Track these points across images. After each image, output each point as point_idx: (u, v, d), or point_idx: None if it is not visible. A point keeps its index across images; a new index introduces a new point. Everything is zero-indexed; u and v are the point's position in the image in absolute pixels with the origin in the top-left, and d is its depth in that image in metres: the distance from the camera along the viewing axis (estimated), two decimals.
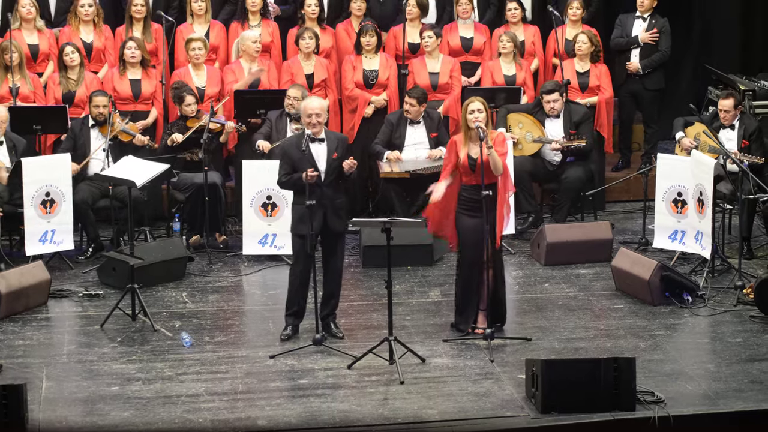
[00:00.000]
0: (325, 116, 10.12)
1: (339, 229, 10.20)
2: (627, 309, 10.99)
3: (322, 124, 10.10)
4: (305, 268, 10.17)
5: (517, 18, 13.77)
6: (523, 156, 12.80)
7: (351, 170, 10.12)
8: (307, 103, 10.18)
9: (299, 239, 10.15)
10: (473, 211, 10.12)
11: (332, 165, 10.08)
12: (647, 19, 13.87)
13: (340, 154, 10.11)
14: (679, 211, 11.95)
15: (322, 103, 10.17)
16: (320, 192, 10.00)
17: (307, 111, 10.07)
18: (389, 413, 9.00)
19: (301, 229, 10.10)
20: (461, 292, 10.34)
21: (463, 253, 10.30)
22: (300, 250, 10.18)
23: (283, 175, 10.16)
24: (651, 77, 13.92)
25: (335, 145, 10.12)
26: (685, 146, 12.33)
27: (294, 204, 10.27)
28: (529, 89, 13.47)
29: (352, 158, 10.19)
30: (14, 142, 12.06)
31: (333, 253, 10.22)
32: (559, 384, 8.91)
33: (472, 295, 10.28)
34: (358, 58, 13.33)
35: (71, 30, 13.30)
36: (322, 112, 10.07)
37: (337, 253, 10.23)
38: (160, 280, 11.57)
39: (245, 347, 10.22)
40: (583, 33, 13.46)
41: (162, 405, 9.13)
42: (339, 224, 10.18)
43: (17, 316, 10.77)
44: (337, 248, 10.23)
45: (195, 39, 13.04)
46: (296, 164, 10.05)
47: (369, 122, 13.32)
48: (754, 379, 9.51)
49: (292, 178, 10.08)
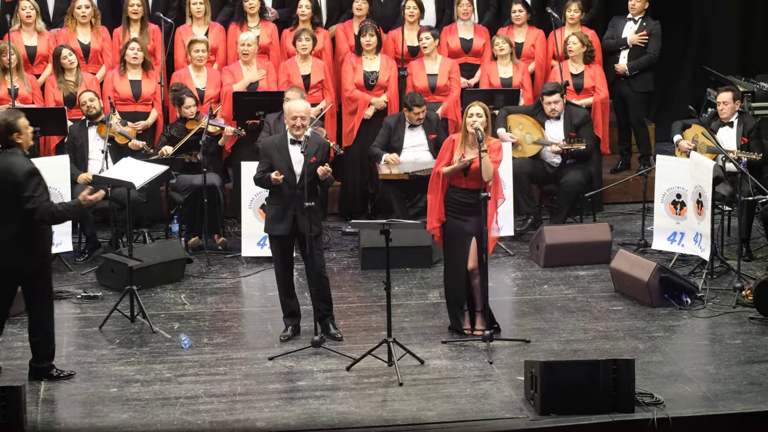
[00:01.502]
0: (309, 120, 10.19)
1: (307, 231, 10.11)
2: (626, 311, 10.99)
3: (306, 127, 10.15)
4: (285, 268, 10.29)
5: (522, 20, 13.75)
6: (522, 157, 12.80)
7: (325, 176, 10.14)
8: (291, 105, 10.24)
9: (273, 240, 10.25)
10: (461, 213, 10.16)
11: (309, 168, 10.08)
12: (638, 21, 13.86)
13: (319, 159, 10.14)
14: (678, 213, 11.95)
15: (308, 107, 10.27)
16: (291, 193, 10.04)
17: (292, 113, 10.14)
18: (388, 415, 9.00)
19: (273, 230, 10.22)
20: (447, 293, 10.39)
21: (448, 255, 10.32)
22: (276, 250, 10.29)
23: (259, 173, 10.25)
24: (638, 79, 13.87)
25: (315, 149, 10.14)
26: (683, 149, 12.33)
27: (267, 203, 10.32)
28: (526, 91, 13.46)
29: (327, 165, 10.21)
30: None
31: (309, 255, 10.16)
32: (558, 386, 8.91)
33: (457, 295, 10.28)
34: (359, 59, 13.33)
35: (68, 31, 13.30)
36: (306, 116, 10.15)
37: (312, 254, 10.15)
38: (159, 282, 11.57)
39: (244, 349, 10.22)
40: (574, 34, 13.46)
41: (161, 407, 9.13)
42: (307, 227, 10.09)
43: (16, 318, 10.74)
44: (312, 250, 10.16)
45: (199, 41, 13.04)
46: (274, 164, 10.12)
47: (369, 124, 13.31)
48: (753, 380, 9.51)
49: (264, 176, 10.17)
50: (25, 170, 9.10)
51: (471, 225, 10.10)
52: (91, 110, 12.27)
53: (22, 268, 9.29)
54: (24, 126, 9.28)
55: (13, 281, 9.43)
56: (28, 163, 9.22)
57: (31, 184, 9.09)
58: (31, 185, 9.08)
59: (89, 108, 12.28)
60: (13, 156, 9.19)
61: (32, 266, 9.34)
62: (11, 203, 9.11)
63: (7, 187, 9.10)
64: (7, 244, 9.20)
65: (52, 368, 9.56)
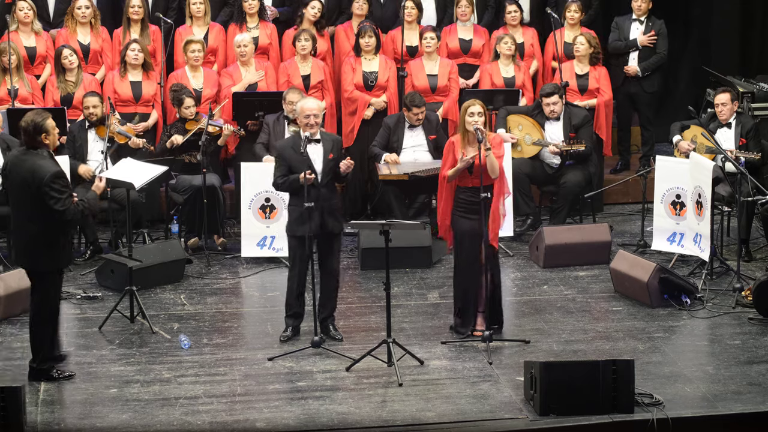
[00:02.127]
0: (321, 117, 10.13)
1: (336, 230, 10.20)
2: (625, 311, 10.99)
3: (319, 125, 10.10)
4: (302, 270, 10.17)
5: (517, 21, 13.77)
6: (522, 158, 12.80)
7: (347, 171, 10.11)
8: (304, 104, 10.17)
9: (295, 241, 10.15)
10: (470, 213, 10.14)
11: (328, 166, 10.09)
12: (644, 21, 13.86)
13: (336, 155, 10.11)
14: (678, 214, 11.95)
15: (320, 104, 10.20)
16: (317, 193, 9.99)
17: (305, 112, 10.07)
18: (388, 415, 9.00)
19: (297, 231, 10.10)
20: (461, 295, 10.34)
21: (460, 256, 10.31)
22: (296, 252, 10.18)
23: (279, 177, 10.15)
24: (649, 80, 13.91)
25: (331, 146, 10.12)
26: (682, 149, 12.33)
27: (290, 205, 10.27)
28: (527, 91, 13.46)
29: (350, 158, 10.20)
30: (8, 143, 12.07)
31: (330, 254, 10.22)
32: (558, 386, 8.91)
33: (470, 297, 10.28)
34: (358, 59, 13.33)
35: (68, 32, 13.30)
36: (319, 113, 10.09)
37: (334, 254, 10.23)
38: (159, 282, 11.57)
39: (243, 349, 10.22)
40: (582, 35, 13.46)
41: (160, 407, 9.13)
42: (335, 225, 10.18)
43: (15, 318, 10.76)
44: (333, 249, 10.23)
45: (194, 41, 13.03)
46: (292, 166, 10.05)
47: (368, 125, 13.31)
48: (752, 381, 9.51)
49: (288, 179, 10.07)
50: (51, 173, 9.18)
51: (480, 224, 10.08)
52: (92, 117, 12.25)
53: (47, 265, 9.38)
54: (51, 127, 9.37)
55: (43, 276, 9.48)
56: (55, 165, 9.30)
57: (59, 186, 9.19)
58: (59, 188, 9.19)
59: (91, 114, 12.24)
60: (40, 158, 9.26)
61: (58, 264, 9.46)
62: (37, 203, 9.20)
63: (33, 189, 9.19)
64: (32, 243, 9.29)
65: (53, 369, 9.56)
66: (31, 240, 9.32)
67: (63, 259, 9.50)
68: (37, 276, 9.46)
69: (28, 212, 9.28)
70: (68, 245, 9.56)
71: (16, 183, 9.31)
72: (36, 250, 9.33)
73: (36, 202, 9.21)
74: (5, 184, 9.55)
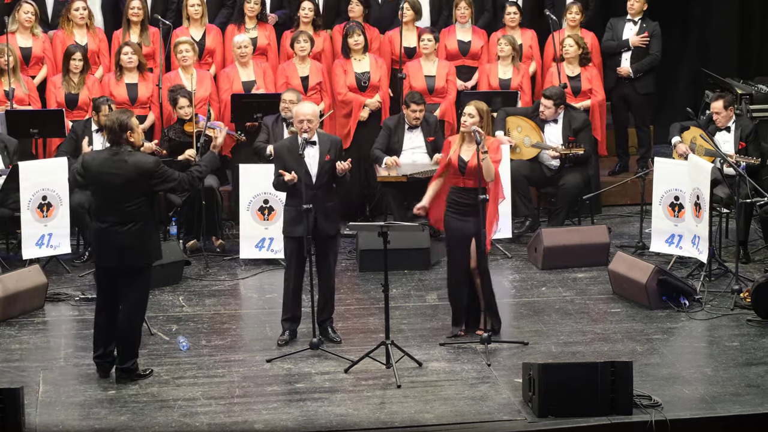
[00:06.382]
0: (317, 121, 10.14)
1: (330, 233, 10.18)
2: (624, 313, 10.99)
3: (314, 129, 10.11)
4: (298, 271, 10.17)
5: (515, 22, 13.76)
6: (520, 160, 12.80)
7: (344, 172, 10.11)
8: (299, 109, 10.19)
9: (291, 242, 10.15)
10: (461, 214, 10.15)
11: (324, 167, 10.08)
12: (638, 22, 13.85)
13: (333, 156, 10.11)
14: (676, 215, 11.95)
15: (315, 108, 10.20)
16: (311, 194, 10.00)
17: (299, 116, 10.09)
18: (386, 417, 9.00)
19: (292, 232, 10.11)
20: (451, 295, 10.39)
21: (450, 256, 10.33)
22: (292, 253, 10.18)
23: (275, 178, 10.19)
24: (642, 81, 13.87)
25: (327, 147, 10.12)
26: (681, 151, 12.33)
27: (285, 206, 10.28)
28: (525, 94, 13.46)
29: (350, 160, 10.19)
30: (5, 143, 12.08)
31: (325, 256, 10.21)
32: (556, 388, 8.91)
33: (460, 297, 10.29)
34: (348, 61, 13.31)
35: (65, 33, 13.30)
36: (314, 118, 10.08)
37: (329, 256, 10.21)
38: (157, 284, 11.54)
39: (242, 351, 10.21)
40: (569, 36, 13.46)
41: (159, 409, 9.12)
42: (330, 227, 10.16)
43: (14, 320, 10.75)
44: (329, 251, 10.22)
45: (182, 42, 13.03)
46: (288, 166, 10.06)
47: (364, 126, 13.31)
48: (751, 383, 9.51)
49: (279, 179, 10.11)
50: (152, 162, 9.38)
51: (471, 225, 10.09)
52: (186, 116, 12.39)
53: (151, 259, 9.54)
54: (136, 125, 9.45)
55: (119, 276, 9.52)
56: (150, 155, 9.74)
57: (166, 170, 9.41)
58: (167, 172, 9.41)
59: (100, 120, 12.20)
60: (134, 155, 9.36)
61: (160, 256, 9.76)
62: (143, 199, 9.31)
63: (143, 184, 9.29)
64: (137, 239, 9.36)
65: (136, 368, 9.61)
66: (136, 236, 9.32)
67: (160, 252, 9.77)
68: (138, 272, 9.45)
69: (133, 210, 9.30)
70: (157, 240, 9.76)
71: (116, 183, 9.29)
72: (142, 246, 9.37)
73: (142, 197, 9.29)
74: (94, 187, 9.53)
